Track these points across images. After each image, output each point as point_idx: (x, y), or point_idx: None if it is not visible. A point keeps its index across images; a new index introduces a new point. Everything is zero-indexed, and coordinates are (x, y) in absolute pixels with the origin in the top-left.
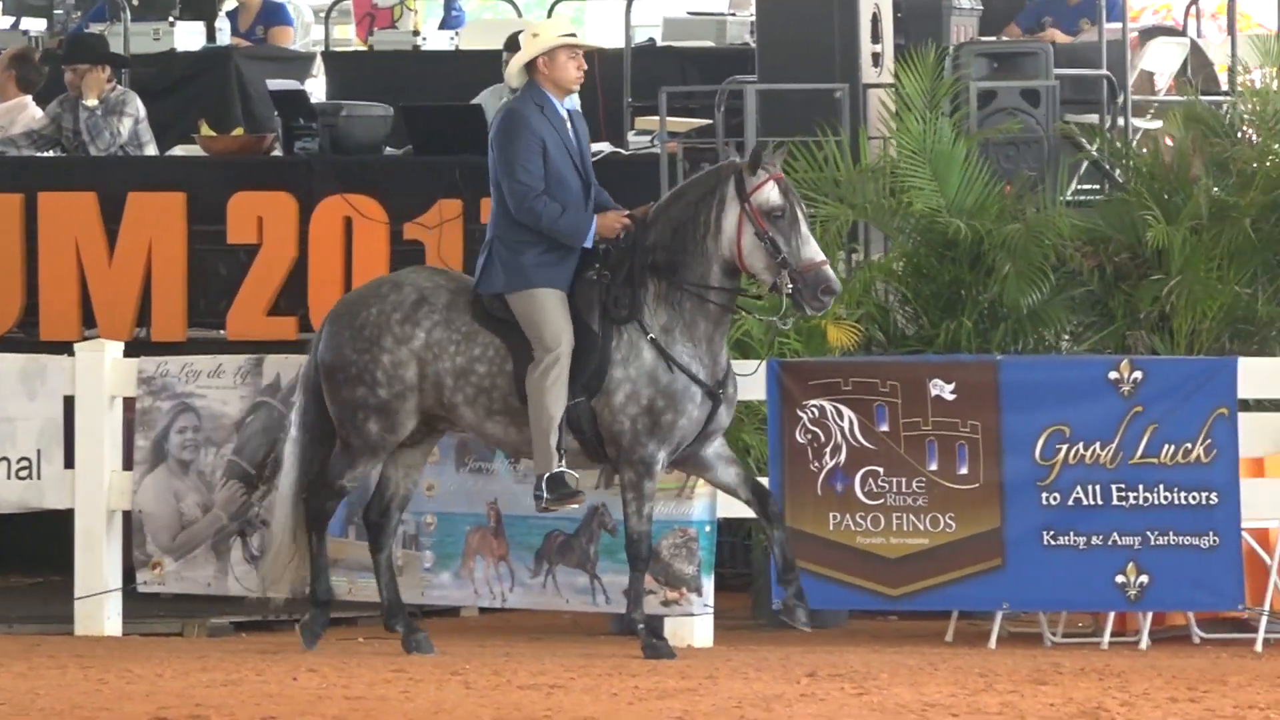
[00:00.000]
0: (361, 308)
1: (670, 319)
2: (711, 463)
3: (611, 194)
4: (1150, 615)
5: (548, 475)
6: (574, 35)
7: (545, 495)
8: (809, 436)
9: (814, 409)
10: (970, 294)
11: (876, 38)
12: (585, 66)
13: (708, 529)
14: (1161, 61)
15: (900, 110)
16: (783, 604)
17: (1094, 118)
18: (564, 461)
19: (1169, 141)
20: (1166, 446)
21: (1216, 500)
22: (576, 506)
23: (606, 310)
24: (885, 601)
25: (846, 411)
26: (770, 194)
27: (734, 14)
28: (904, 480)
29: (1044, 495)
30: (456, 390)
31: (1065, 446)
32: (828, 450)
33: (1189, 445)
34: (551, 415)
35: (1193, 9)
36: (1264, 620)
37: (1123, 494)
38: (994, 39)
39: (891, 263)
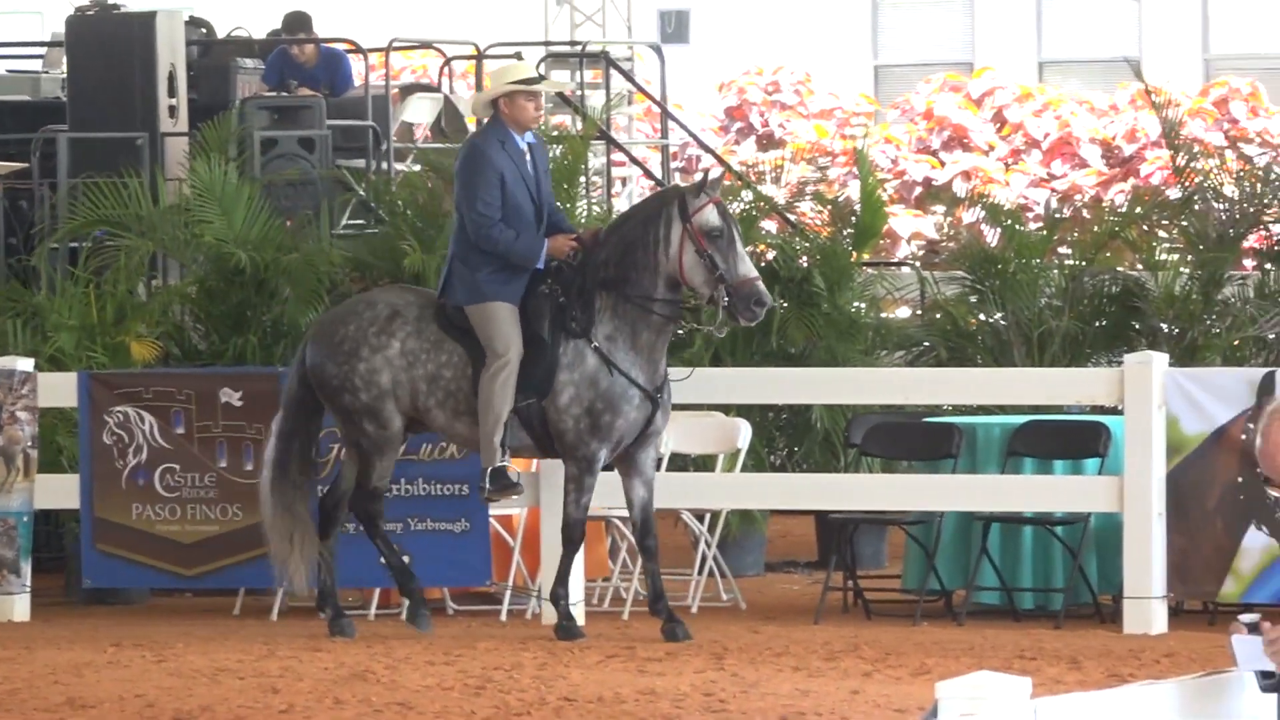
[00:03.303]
0: (340, 325)
1: (615, 329)
2: (635, 474)
3: None
4: None
5: (490, 469)
6: (530, 80)
7: (488, 486)
8: (115, 438)
9: (119, 414)
10: (255, 314)
11: (173, 92)
12: (542, 107)
13: (26, 519)
14: (419, 114)
15: (194, 156)
16: (661, 630)
17: (361, 162)
18: (507, 456)
19: (429, 184)
20: (425, 445)
21: (467, 491)
22: (516, 498)
23: (556, 321)
24: (181, 580)
25: (148, 416)
26: (710, 216)
27: (47, 71)
28: (198, 475)
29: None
30: (430, 395)
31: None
32: (130, 450)
33: (445, 444)
34: (498, 414)
35: (445, 69)
36: (508, 594)
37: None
38: (274, 94)
39: (186, 287)
